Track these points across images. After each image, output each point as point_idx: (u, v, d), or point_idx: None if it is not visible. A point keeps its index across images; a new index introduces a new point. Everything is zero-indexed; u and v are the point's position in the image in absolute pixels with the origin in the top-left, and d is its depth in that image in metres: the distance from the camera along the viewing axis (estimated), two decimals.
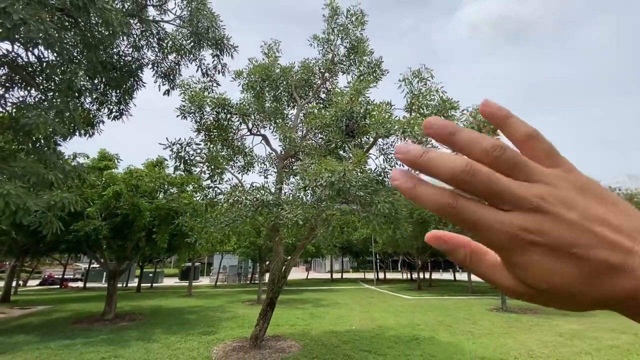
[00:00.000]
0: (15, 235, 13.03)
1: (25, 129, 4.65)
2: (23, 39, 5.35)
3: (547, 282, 0.25)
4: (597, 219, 0.25)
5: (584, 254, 0.24)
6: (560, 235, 0.24)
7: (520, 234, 0.25)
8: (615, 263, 0.24)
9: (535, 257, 0.25)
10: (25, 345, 8.09)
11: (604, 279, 0.24)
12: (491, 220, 0.25)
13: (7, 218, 4.47)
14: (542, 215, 0.25)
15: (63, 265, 31.83)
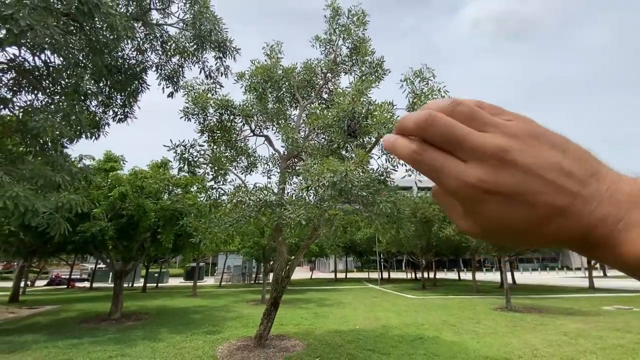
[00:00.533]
0: (23, 236, 13.24)
1: (33, 132, 4.74)
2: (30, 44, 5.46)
3: (502, 226, 0.28)
4: (549, 166, 0.27)
5: (535, 200, 0.26)
6: (514, 184, 0.26)
7: (477, 184, 0.27)
8: (562, 206, 0.26)
9: (490, 206, 0.27)
10: (34, 344, 8.23)
11: (552, 222, 0.27)
12: (452, 169, 0.28)
13: (16, 219, 4.56)
14: (498, 165, 0.27)
15: (70, 266, 32.23)
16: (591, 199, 0.26)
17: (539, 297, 17.71)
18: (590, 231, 0.26)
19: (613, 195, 0.26)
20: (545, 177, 0.26)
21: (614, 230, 0.26)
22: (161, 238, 11.10)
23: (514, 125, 0.28)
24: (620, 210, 0.26)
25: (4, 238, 14.57)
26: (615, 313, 12.04)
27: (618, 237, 0.26)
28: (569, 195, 0.26)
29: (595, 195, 0.26)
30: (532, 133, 0.28)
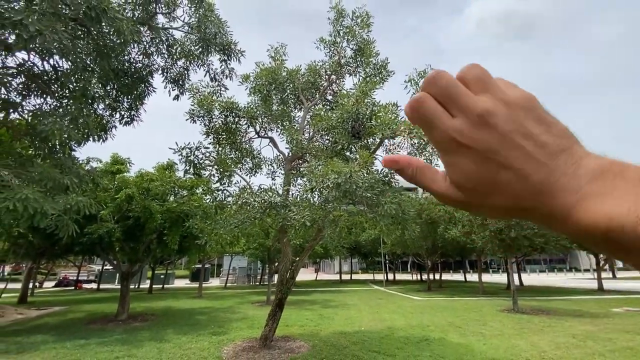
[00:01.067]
0: (32, 238, 13.45)
1: (42, 136, 4.83)
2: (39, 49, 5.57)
3: (472, 181, 0.30)
4: (526, 135, 0.29)
5: (505, 161, 0.29)
6: (490, 143, 0.29)
7: (456, 137, 0.30)
8: (527, 171, 0.29)
9: (465, 159, 0.30)
10: (43, 345, 8.33)
11: (517, 185, 0.29)
12: (441, 121, 0.31)
13: (25, 221, 4.64)
14: (480, 125, 0.29)
15: (77, 267, 32.61)
16: (556, 170, 0.28)
17: (546, 298, 17.50)
18: (551, 201, 0.28)
19: (577, 170, 0.28)
20: (520, 144, 0.29)
21: (572, 201, 0.27)
22: (167, 239, 11.19)
23: (510, 95, 0.30)
24: (579, 182, 0.27)
25: (13, 240, 14.82)
26: (625, 315, 11.85)
27: (574, 207, 0.27)
28: (537, 163, 0.29)
29: (561, 168, 0.28)
30: (523, 105, 0.30)
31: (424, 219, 19.72)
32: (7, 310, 13.77)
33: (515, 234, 12.31)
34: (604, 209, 0.25)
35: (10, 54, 6.13)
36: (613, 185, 0.26)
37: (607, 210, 0.25)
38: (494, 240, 13.03)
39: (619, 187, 0.26)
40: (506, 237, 12.58)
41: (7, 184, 4.67)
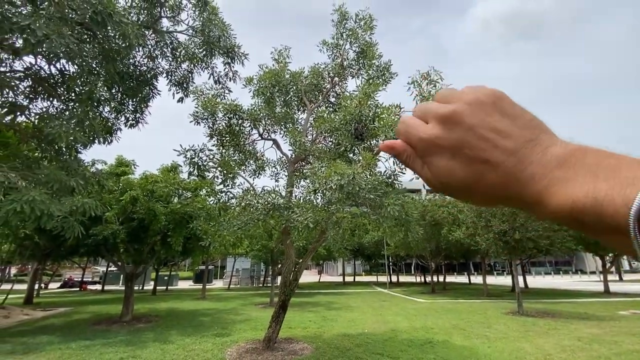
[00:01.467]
0: (38, 240, 13.57)
1: (48, 138, 4.89)
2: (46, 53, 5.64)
3: (448, 177, 0.33)
4: (490, 128, 0.32)
5: (472, 154, 0.32)
6: (457, 139, 0.32)
7: (429, 138, 0.34)
8: (495, 162, 0.31)
9: (439, 157, 0.34)
10: (48, 346, 8.40)
11: (488, 176, 0.31)
12: (417, 128, 0.35)
13: (32, 223, 4.70)
14: (448, 124, 0.33)
15: (82, 269, 32.81)
16: (524, 159, 0.30)
17: (551, 301, 17.34)
18: (522, 189, 0.30)
19: (543, 157, 0.30)
20: (485, 136, 0.31)
21: (541, 187, 0.29)
22: (171, 241, 11.25)
23: (473, 95, 0.34)
24: (546, 169, 0.29)
25: (20, 241, 14.95)
26: (631, 318, 11.72)
27: (544, 192, 0.29)
28: (503, 153, 0.31)
29: (528, 157, 0.30)
30: (486, 101, 0.33)
31: (427, 221, 19.65)
32: (13, 311, 13.90)
33: (519, 236, 12.24)
34: (567, 192, 0.28)
35: (17, 58, 6.23)
36: (575, 171, 0.28)
37: (570, 193, 0.28)
38: (498, 242, 12.95)
39: (580, 172, 0.28)
40: (510, 239, 12.51)
41: (15, 186, 4.73)
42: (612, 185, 0.26)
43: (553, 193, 0.29)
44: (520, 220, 12.21)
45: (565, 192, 0.28)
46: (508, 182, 0.31)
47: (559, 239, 14.56)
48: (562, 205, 0.28)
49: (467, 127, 0.32)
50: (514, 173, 0.30)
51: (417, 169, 0.37)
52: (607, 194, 0.26)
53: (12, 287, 17.73)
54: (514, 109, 0.33)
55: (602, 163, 0.28)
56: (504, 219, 12.53)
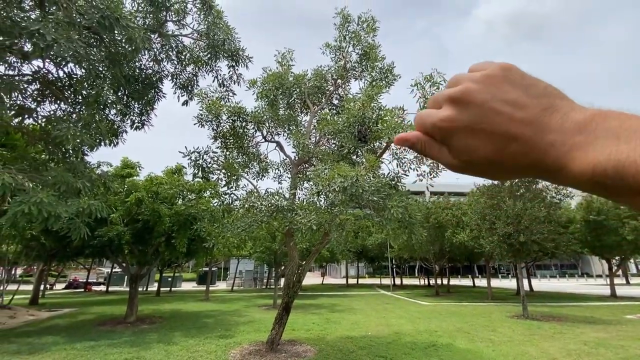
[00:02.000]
0: (44, 241, 13.71)
1: (56, 141, 4.97)
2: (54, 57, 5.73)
3: (470, 155, 0.33)
4: (503, 100, 0.32)
5: (491, 128, 0.32)
6: (472, 116, 0.33)
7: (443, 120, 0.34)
8: (515, 133, 0.31)
9: (456, 138, 0.34)
10: (54, 346, 8.47)
11: (509, 147, 0.32)
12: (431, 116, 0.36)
13: (39, 224, 4.77)
14: (460, 104, 0.34)
15: (87, 270, 33.06)
16: (542, 127, 0.31)
17: (557, 304, 17.17)
18: (543, 156, 0.31)
19: (563, 124, 0.30)
20: (499, 109, 0.32)
21: (562, 153, 0.30)
22: (175, 242, 11.32)
23: (480, 73, 0.34)
24: (566, 135, 0.30)
25: (26, 242, 15.13)
26: (638, 322, 11.57)
27: (565, 158, 0.29)
28: (521, 123, 0.31)
29: (547, 124, 0.31)
30: (495, 75, 0.34)
31: (431, 223, 19.58)
32: (19, 312, 14.04)
33: (524, 239, 12.15)
34: (588, 157, 0.28)
35: (26, 62, 6.33)
36: (595, 135, 0.29)
37: (591, 158, 0.28)
38: (503, 245, 12.87)
39: (600, 135, 0.28)
40: (515, 241, 12.42)
41: (22, 188, 4.81)
42: (633, 147, 0.26)
43: (574, 158, 0.29)
44: (525, 223, 12.13)
45: (586, 156, 0.28)
46: (529, 151, 0.31)
47: (564, 242, 14.44)
48: (584, 170, 0.28)
49: (479, 103, 0.33)
50: (534, 142, 0.31)
51: (434, 154, 0.37)
52: (628, 156, 0.26)
53: (18, 287, 17.89)
54: (525, 79, 0.33)
55: (623, 125, 0.28)
56: (509, 221, 12.46)
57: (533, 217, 12.05)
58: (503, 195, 13.03)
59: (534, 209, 12.10)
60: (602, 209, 18.06)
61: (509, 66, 0.34)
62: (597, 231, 18.45)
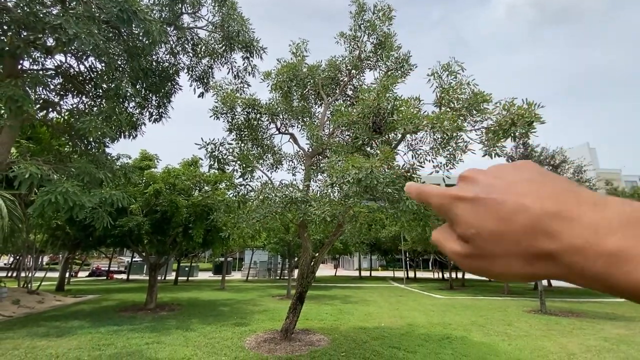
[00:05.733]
0: (68, 230, 14.30)
1: (79, 133, 5.13)
2: (75, 51, 5.89)
3: (474, 226, 0.30)
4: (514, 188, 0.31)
5: (500, 198, 0.30)
6: (477, 191, 0.32)
7: (450, 195, 0.33)
8: (525, 203, 0.28)
9: (460, 207, 0.32)
10: (79, 330, 8.90)
11: (516, 218, 0.28)
12: (433, 192, 0.35)
13: (65, 213, 4.97)
14: (464, 182, 0.34)
15: (109, 259, 34.34)
16: (566, 212, 0.27)
17: (576, 300, 16.75)
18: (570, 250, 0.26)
19: (601, 218, 0.26)
20: (512, 189, 0.30)
21: (600, 259, 0.25)
22: (192, 233, 11.60)
23: (489, 169, 0.35)
24: (605, 237, 0.25)
25: (52, 232, 15.84)
26: None
27: (608, 268, 0.24)
28: (535, 195, 0.29)
29: (570, 209, 0.27)
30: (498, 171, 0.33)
31: None
32: (47, 297, 14.76)
33: None
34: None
35: (49, 57, 6.54)
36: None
37: None
38: None
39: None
40: None
41: (49, 178, 5.01)
42: None
43: (626, 272, 0.24)
44: None
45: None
46: (542, 232, 0.27)
47: None
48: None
49: (485, 182, 0.32)
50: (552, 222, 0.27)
51: (440, 244, 0.36)
52: None
53: (45, 274, 18.78)
54: (540, 176, 0.31)
55: None
56: None
57: None
58: None
59: None
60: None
61: (524, 164, 0.33)
62: None
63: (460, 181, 0.35)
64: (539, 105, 5.73)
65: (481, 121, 6.33)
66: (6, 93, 4.69)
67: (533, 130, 5.72)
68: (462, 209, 0.32)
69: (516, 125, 5.64)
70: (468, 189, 0.33)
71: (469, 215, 0.31)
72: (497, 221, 0.29)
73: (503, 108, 5.86)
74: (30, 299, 13.50)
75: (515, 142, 11.80)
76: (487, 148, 6.00)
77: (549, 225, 0.27)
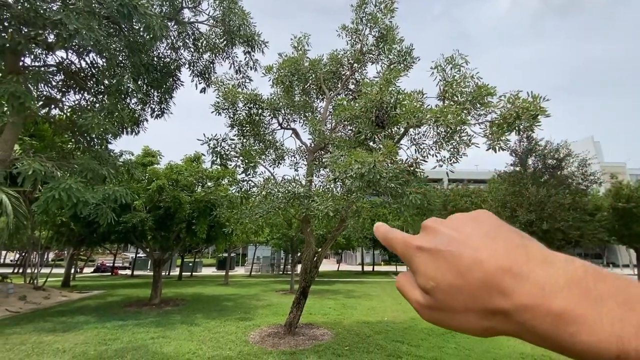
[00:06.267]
0: (73, 227, 14.40)
1: (81, 129, 5.13)
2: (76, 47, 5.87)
3: (433, 279, 0.30)
4: (471, 235, 0.31)
5: (457, 251, 0.30)
6: (438, 242, 0.31)
7: (412, 247, 0.33)
8: (480, 257, 0.29)
9: (421, 258, 0.32)
10: (85, 325, 9.00)
11: (471, 273, 0.29)
12: (398, 239, 0.35)
13: (69, 210, 4.99)
14: (426, 233, 0.34)
15: (113, 255, 34.61)
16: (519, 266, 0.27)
17: None
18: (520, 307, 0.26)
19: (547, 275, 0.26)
20: (469, 243, 0.30)
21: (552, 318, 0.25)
22: (196, 229, 11.65)
23: (449, 219, 0.35)
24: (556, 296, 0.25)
25: (57, 228, 15.95)
26: None
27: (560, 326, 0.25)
28: (488, 249, 0.29)
29: (522, 264, 0.27)
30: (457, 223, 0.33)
31: (449, 211, 19.28)
32: (53, 293, 14.91)
33: (547, 226, 11.79)
34: (601, 330, 0.23)
35: (50, 53, 6.52)
36: (600, 298, 0.24)
37: (606, 332, 0.23)
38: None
39: (608, 298, 0.24)
40: (537, 229, 12.08)
41: (52, 175, 5.02)
42: None
43: (577, 327, 0.24)
44: (549, 210, 11.75)
45: (595, 329, 0.23)
46: (495, 287, 0.27)
47: (590, 230, 13.93)
48: (599, 346, 0.23)
49: (446, 233, 0.32)
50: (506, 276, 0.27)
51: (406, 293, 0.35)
52: None
53: (51, 270, 18.98)
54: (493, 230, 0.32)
55: (627, 289, 0.24)
56: (531, 208, 12.09)
57: (557, 204, 11.65)
58: (525, 182, 12.62)
59: (558, 195, 11.68)
60: (632, 196, 17.25)
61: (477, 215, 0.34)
62: (626, 219, 17.66)
63: (422, 231, 0.35)
64: (544, 98, 5.66)
65: (485, 115, 6.27)
66: (8, 90, 4.68)
67: (538, 124, 5.65)
68: (423, 260, 0.32)
69: (521, 118, 5.57)
70: (429, 239, 0.33)
71: (429, 268, 0.31)
72: (455, 275, 0.29)
73: (508, 101, 5.80)
74: (37, 295, 13.65)
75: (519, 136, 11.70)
76: (491, 142, 5.94)
77: (502, 281, 0.27)
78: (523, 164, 13.14)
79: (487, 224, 0.32)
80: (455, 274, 0.29)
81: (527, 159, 13.13)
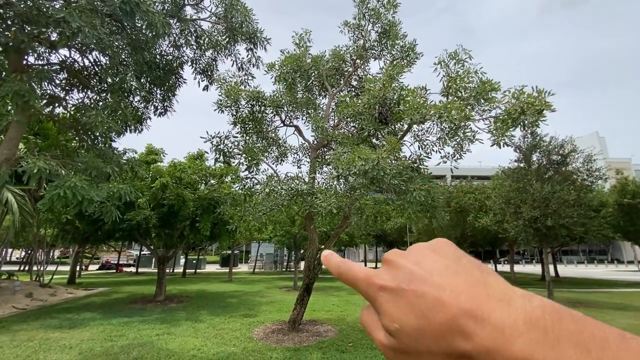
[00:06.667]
0: (78, 224, 14.52)
1: (85, 128, 5.14)
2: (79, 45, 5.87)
3: (396, 321, 0.30)
4: (433, 270, 0.30)
5: (422, 290, 0.29)
6: (400, 279, 0.31)
7: (374, 281, 0.32)
8: (442, 298, 0.28)
9: (384, 298, 0.31)
10: (91, 321, 9.09)
11: (434, 315, 0.28)
12: (360, 277, 0.34)
13: (74, 208, 5.02)
14: (389, 270, 0.32)
15: (118, 252, 34.93)
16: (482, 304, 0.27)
17: (585, 290, 16.64)
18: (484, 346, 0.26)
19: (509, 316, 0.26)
20: (431, 280, 0.30)
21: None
22: (199, 226, 11.70)
23: (410, 252, 0.34)
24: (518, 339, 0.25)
25: (62, 226, 16.08)
26: None
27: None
28: (451, 290, 0.29)
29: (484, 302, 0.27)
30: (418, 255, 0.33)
31: (452, 207, 19.22)
32: (59, 290, 15.07)
33: (552, 223, 11.70)
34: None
35: (53, 52, 6.53)
36: (557, 340, 0.24)
37: None
38: (528, 229, 12.46)
39: (564, 341, 0.24)
40: (542, 225, 12.00)
41: (57, 173, 5.05)
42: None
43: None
44: (553, 207, 11.65)
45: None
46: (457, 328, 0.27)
47: (595, 227, 13.82)
48: None
49: (407, 270, 0.31)
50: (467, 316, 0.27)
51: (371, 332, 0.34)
52: None
53: (56, 268, 19.18)
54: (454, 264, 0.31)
55: (585, 331, 0.24)
56: (535, 205, 12.01)
57: (562, 201, 11.55)
58: (530, 178, 12.52)
59: (563, 191, 11.58)
60: (638, 192, 17.10)
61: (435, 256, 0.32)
62: (631, 215, 17.55)
63: (384, 265, 0.34)
64: (549, 92, 5.60)
65: (489, 110, 6.22)
66: (12, 88, 4.70)
67: (543, 119, 5.60)
68: (386, 300, 0.31)
69: (526, 113, 5.52)
70: (392, 276, 0.32)
71: (392, 308, 0.31)
72: (418, 317, 0.29)
73: (512, 96, 5.75)
74: (43, 292, 13.79)
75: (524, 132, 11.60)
76: (496, 137, 5.90)
77: (464, 324, 0.27)
78: (527, 160, 13.02)
79: (448, 257, 0.32)
80: (418, 315, 0.29)
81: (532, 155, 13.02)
